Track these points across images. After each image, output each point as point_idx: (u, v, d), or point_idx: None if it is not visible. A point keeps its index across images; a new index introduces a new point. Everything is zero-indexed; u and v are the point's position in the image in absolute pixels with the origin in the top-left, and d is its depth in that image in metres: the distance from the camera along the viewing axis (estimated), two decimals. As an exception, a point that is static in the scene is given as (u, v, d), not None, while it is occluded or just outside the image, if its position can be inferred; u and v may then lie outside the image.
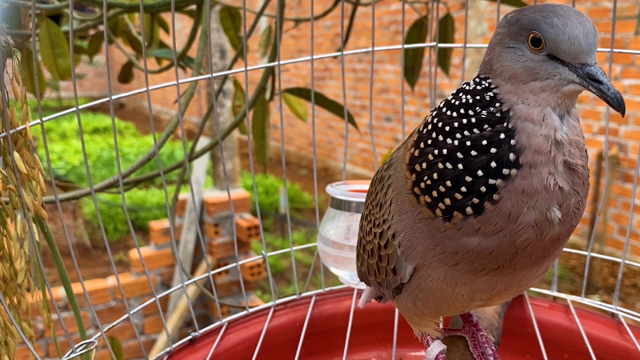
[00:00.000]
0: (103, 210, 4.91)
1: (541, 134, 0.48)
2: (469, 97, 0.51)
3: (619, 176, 3.83)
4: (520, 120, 0.48)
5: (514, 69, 0.50)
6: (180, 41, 1.07)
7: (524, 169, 0.48)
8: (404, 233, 0.56)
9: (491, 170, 0.48)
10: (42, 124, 0.65)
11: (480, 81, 0.52)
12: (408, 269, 0.57)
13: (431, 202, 0.51)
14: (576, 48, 0.47)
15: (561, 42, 0.47)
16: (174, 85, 0.77)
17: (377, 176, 0.64)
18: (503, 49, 0.51)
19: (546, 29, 0.47)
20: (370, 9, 1.02)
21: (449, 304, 0.59)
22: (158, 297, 0.79)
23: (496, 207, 0.48)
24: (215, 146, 1.18)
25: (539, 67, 0.49)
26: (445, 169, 0.50)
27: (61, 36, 1.04)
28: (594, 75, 0.47)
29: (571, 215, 0.50)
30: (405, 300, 0.62)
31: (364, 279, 0.71)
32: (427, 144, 0.52)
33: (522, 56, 0.49)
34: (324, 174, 6.57)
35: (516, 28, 0.50)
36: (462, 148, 0.49)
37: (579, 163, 0.49)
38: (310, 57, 0.86)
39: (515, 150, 0.48)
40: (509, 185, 0.48)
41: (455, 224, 0.50)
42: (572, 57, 0.47)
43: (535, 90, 0.49)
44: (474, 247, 0.51)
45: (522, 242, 0.50)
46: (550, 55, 0.48)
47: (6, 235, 0.66)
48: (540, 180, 0.48)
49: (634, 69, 3.65)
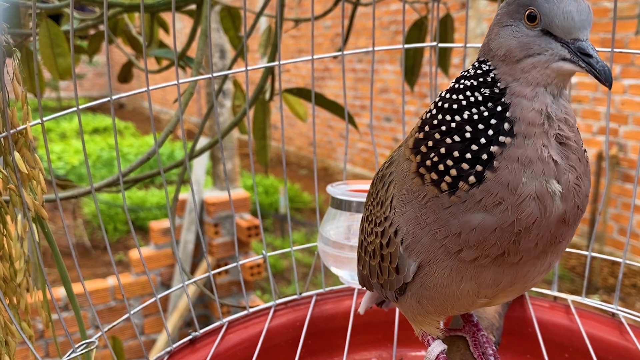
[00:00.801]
0: (103, 210, 4.92)
1: (533, 108, 0.50)
2: (472, 81, 0.54)
3: (619, 176, 3.83)
4: (515, 96, 0.51)
5: (509, 44, 0.52)
6: (180, 41, 1.07)
7: (517, 138, 0.50)
8: (408, 226, 0.56)
9: (490, 137, 0.50)
10: (43, 123, 0.65)
11: (479, 65, 0.55)
12: (412, 267, 0.57)
13: (437, 178, 0.52)
14: (569, 23, 0.49)
15: (555, 16, 0.49)
16: (174, 85, 0.77)
17: (377, 176, 0.64)
18: (501, 27, 0.53)
19: (541, 3, 0.49)
20: (371, 9, 1.02)
21: (454, 300, 0.58)
22: (158, 297, 0.79)
23: (495, 175, 0.50)
24: (215, 146, 1.18)
25: (533, 42, 0.51)
26: (453, 142, 0.52)
27: (61, 36, 1.04)
28: (585, 49, 0.49)
29: (572, 191, 0.51)
30: (410, 300, 0.61)
31: (365, 283, 0.71)
32: (432, 124, 0.54)
33: (517, 32, 0.51)
34: (324, 174, 6.57)
35: (514, 6, 0.52)
36: (471, 122, 0.51)
37: (570, 136, 0.51)
38: (310, 57, 0.86)
39: (510, 121, 0.50)
40: (504, 152, 0.50)
41: (460, 196, 0.51)
42: (565, 32, 0.49)
43: (526, 67, 0.51)
44: (477, 224, 0.51)
45: (526, 217, 0.50)
46: (544, 31, 0.50)
47: (6, 235, 0.66)
48: (535, 150, 0.50)
49: (634, 69, 3.65)
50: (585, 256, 0.86)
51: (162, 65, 1.49)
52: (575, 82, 3.87)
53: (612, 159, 3.76)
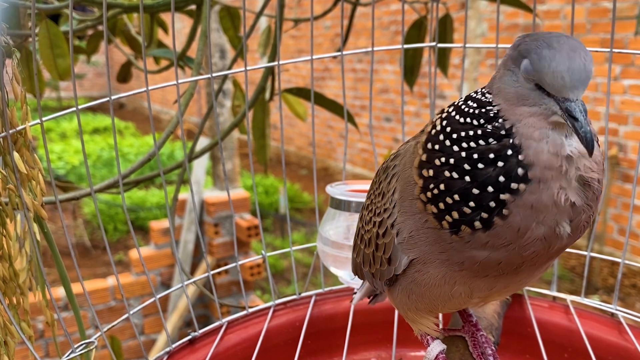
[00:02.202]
0: (103, 210, 4.91)
1: (548, 150, 0.48)
2: (476, 107, 0.52)
3: (619, 176, 3.83)
4: (525, 138, 0.49)
5: (508, 92, 0.50)
6: (180, 41, 1.07)
7: (532, 184, 0.47)
8: (407, 231, 0.56)
9: (500, 185, 0.48)
10: (42, 124, 0.65)
11: (485, 93, 0.53)
12: (403, 260, 0.57)
13: (438, 213, 0.51)
14: (559, 82, 0.47)
15: (545, 75, 0.47)
16: (173, 85, 0.77)
17: (382, 166, 0.64)
18: (505, 70, 0.52)
19: (535, 59, 0.48)
20: (370, 9, 1.02)
21: (445, 300, 0.58)
22: (158, 297, 0.79)
23: (505, 222, 0.48)
24: (215, 146, 1.18)
25: (528, 94, 0.49)
26: (452, 178, 0.50)
27: (60, 36, 1.04)
28: (572, 112, 0.47)
29: (580, 228, 0.50)
30: (400, 294, 0.62)
31: (357, 271, 0.71)
32: (434, 149, 0.52)
33: (515, 81, 0.50)
34: (324, 174, 6.57)
35: (516, 52, 0.50)
36: (469, 160, 0.49)
37: (594, 177, 0.49)
38: (310, 57, 0.86)
39: (524, 165, 0.48)
40: (517, 200, 0.48)
41: (463, 237, 0.50)
42: (555, 90, 0.48)
43: (525, 114, 0.49)
44: (482, 259, 0.51)
45: (529, 254, 0.50)
46: (538, 85, 0.49)
47: (6, 235, 0.66)
48: (551, 196, 0.48)
49: (633, 69, 3.65)
50: (584, 256, 0.86)
51: (160, 66, 1.49)
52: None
53: (612, 159, 3.76)
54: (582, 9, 3.80)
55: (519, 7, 1.28)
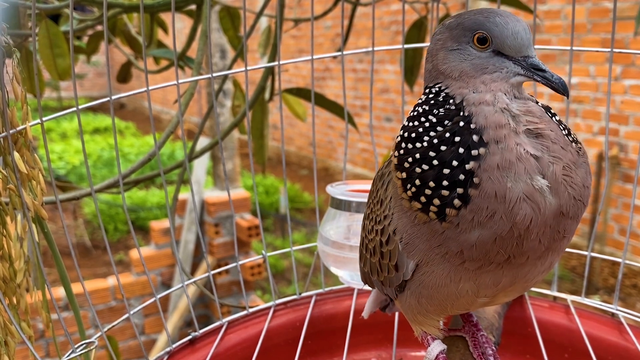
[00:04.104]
0: (103, 210, 4.91)
1: (496, 110, 0.51)
2: (424, 106, 0.55)
3: (619, 176, 3.83)
4: (475, 105, 0.52)
5: (462, 67, 0.53)
6: (180, 41, 1.07)
7: (490, 146, 0.50)
8: (405, 232, 0.56)
9: (462, 156, 0.50)
10: (42, 124, 0.65)
11: (430, 90, 0.56)
12: (410, 265, 0.57)
13: (422, 206, 0.53)
14: (519, 42, 0.52)
15: (506, 37, 0.52)
16: (174, 85, 0.77)
17: (378, 174, 0.64)
18: (447, 52, 0.55)
19: (491, 27, 0.52)
20: (371, 9, 1.02)
21: (453, 300, 0.58)
22: (158, 297, 0.79)
23: (479, 190, 0.49)
24: (216, 146, 1.18)
25: (487, 62, 0.53)
26: (423, 171, 0.52)
27: (60, 36, 1.04)
28: (537, 65, 0.52)
29: (562, 182, 0.51)
30: (409, 298, 0.62)
31: (367, 280, 0.71)
32: (400, 153, 0.55)
33: (468, 55, 0.53)
34: (324, 174, 6.57)
35: (458, 31, 0.54)
36: (432, 146, 0.52)
37: (542, 127, 0.52)
38: (310, 57, 0.86)
39: (477, 131, 0.50)
40: (482, 164, 0.49)
41: (451, 221, 0.51)
42: (515, 51, 0.52)
43: (486, 81, 0.53)
44: (476, 241, 0.51)
45: (521, 220, 0.50)
46: (495, 52, 0.53)
47: (6, 235, 0.66)
48: (511, 151, 0.50)
49: (634, 69, 3.65)
50: (585, 256, 0.86)
51: (160, 66, 1.49)
52: (577, 82, 3.87)
53: (613, 159, 3.76)
54: (582, 9, 3.80)
55: (519, 7, 1.28)
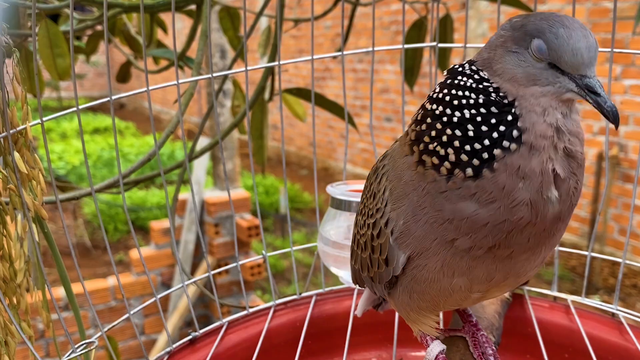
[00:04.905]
0: (103, 210, 4.91)
1: (544, 121, 0.50)
2: (471, 81, 0.53)
3: (619, 176, 3.83)
4: (526, 111, 0.50)
5: (515, 72, 0.51)
6: (180, 41, 1.07)
7: (523, 148, 0.49)
8: (400, 219, 0.56)
9: (495, 140, 0.50)
10: (43, 124, 0.65)
11: (477, 70, 0.54)
12: (401, 259, 0.57)
13: (438, 162, 0.52)
14: (578, 60, 0.49)
15: (564, 52, 0.49)
16: (174, 85, 0.77)
17: (372, 170, 0.65)
18: (505, 52, 0.52)
19: (551, 38, 0.49)
20: (371, 9, 1.02)
21: (446, 296, 0.58)
22: (158, 297, 0.79)
23: (493, 175, 0.50)
24: (216, 146, 1.18)
25: (540, 74, 0.50)
26: (453, 134, 0.51)
27: (60, 36, 1.03)
28: (593, 87, 0.49)
29: (570, 194, 0.52)
30: (401, 295, 0.61)
31: (357, 278, 0.71)
32: (435, 115, 0.53)
33: (523, 61, 0.51)
34: (324, 174, 6.57)
35: (520, 33, 0.51)
36: (473, 120, 0.51)
37: (578, 150, 0.52)
38: (310, 57, 0.86)
39: (519, 129, 0.50)
40: (506, 157, 0.49)
41: (455, 182, 0.51)
42: (573, 68, 0.49)
43: (536, 94, 0.51)
44: (469, 214, 0.51)
45: (517, 220, 0.50)
46: (551, 64, 0.50)
47: (6, 235, 0.66)
48: (539, 163, 0.49)
49: (634, 69, 3.65)
50: (585, 256, 0.86)
51: (160, 66, 1.49)
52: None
53: (613, 159, 3.76)
54: (582, 8, 3.80)
55: (519, 7, 1.28)
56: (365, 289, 0.77)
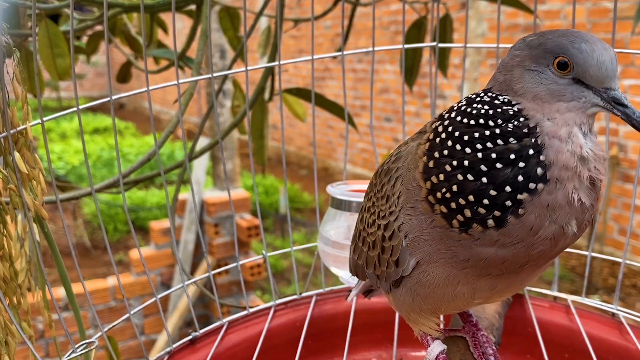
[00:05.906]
0: (103, 210, 4.91)
1: (568, 150, 0.49)
2: (487, 108, 0.51)
3: (619, 176, 3.83)
4: (548, 137, 0.49)
5: (537, 91, 0.50)
6: (180, 41, 1.07)
7: (550, 184, 0.48)
8: (412, 233, 0.56)
9: (519, 184, 0.48)
10: (43, 124, 0.65)
11: (496, 96, 0.52)
12: (411, 262, 0.57)
13: (447, 213, 0.51)
14: (603, 73, 0.49)
15: (590, 66, 0.49)
16: (174, 85, 0.77)
17: (382, 168, 0.63)
18: (524, 71, 0.51)
19: (575, 53, 0.49)
20: (370, 9, 1.02)
21: (448, 301, 0.59)
22: (158, 297, 0.79)
23: (519, 220, 0.48)
24: (215, 146, 1.18)
25: (564, 90, 0.50)
26: (465, 180, 0.49)
27: (60, 36, 1.03)
28: (619, 99, 0.49)
29: (583, 227, 0.51)
30: (404, 295, 0.61)
31: (357, 272, 0.71)
32: (442, 154, 0.51)
33: (545, 79, 0.50)
34: (324, 174, 6.57)
35: (539, 51, 0.51)
36: (486, 160, 0.49)
37: (601, 179, 0.51)
38: (310, 57, 0.86)
39: (543, 165, 0.48)
40: (534, 199, 0.48)
41: (473, 234, 0.50)
42: (598, 82, 0.49)
43: (561, 110, 0.50)
44: (488, 257, 0.51)
45: (537, 252, 0.50)
46: (575, 79, 0.49)
47: (6, 235, 0.66)
48: (565, 196, 0.48)
49: (634, 69, 3.65)
50: (585, 256, 0.86)
51: (160, 66, 1.49)
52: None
53: (613, 159, 3.76)
54: (582, 8, 3.80)
55: (519, 7, 1.28)
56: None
